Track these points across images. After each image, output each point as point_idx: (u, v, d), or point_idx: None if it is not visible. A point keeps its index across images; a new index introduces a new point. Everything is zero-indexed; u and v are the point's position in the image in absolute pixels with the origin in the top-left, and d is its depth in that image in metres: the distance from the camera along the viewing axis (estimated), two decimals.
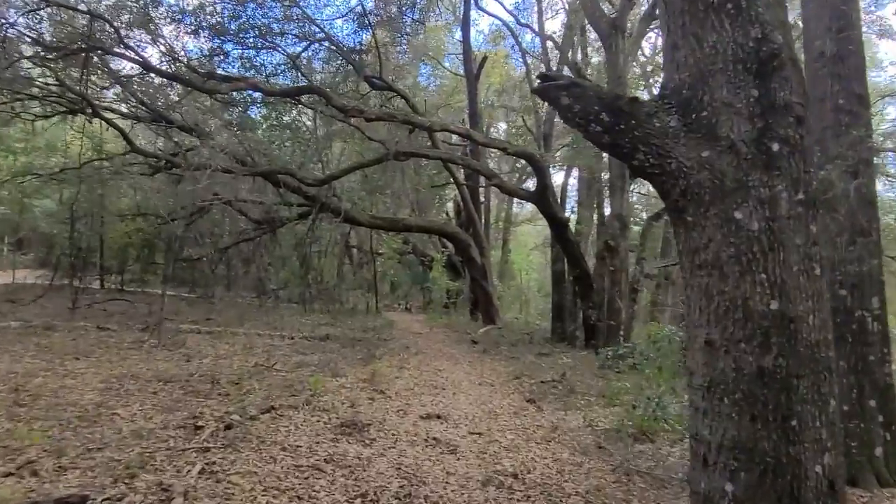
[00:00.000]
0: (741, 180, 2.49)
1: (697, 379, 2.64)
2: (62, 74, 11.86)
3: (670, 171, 2.63)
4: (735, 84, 2.54)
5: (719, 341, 2.52)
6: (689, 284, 2.68)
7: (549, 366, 10.02)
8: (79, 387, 5.55)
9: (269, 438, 4.67)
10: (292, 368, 7.62)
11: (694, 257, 2.63)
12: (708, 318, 2.58)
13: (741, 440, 2.44)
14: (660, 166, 2.65)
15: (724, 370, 2.51)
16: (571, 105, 2.73)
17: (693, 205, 2.60)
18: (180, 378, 6.16)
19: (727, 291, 2.50)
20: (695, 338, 2.67)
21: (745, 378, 2.45)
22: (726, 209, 2.52)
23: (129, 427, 4.52)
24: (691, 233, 2.63)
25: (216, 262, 18.87)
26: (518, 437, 5.59)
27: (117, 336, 8.66)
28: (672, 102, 2.68)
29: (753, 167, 2.49)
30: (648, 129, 2.65)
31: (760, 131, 2.49)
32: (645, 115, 2.66)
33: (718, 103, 2.56)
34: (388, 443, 5.05)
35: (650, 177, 2.72)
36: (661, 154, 2.63)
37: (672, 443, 5.84)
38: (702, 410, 2.61)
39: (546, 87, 2.77)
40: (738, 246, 2.49)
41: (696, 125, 2.61)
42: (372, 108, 12.63)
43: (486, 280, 17.34)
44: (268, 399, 5.78)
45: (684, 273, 2.75)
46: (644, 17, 14.42)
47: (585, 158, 13.57)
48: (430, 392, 7.32)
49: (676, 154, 2.61)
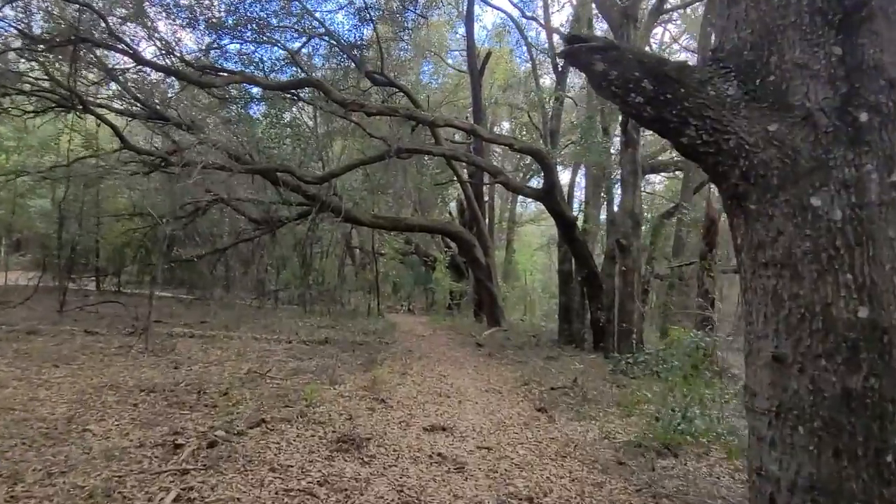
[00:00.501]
0: (820, 159, 2.03)
1: (762, 402, 2.17)
2: (52, 69, 11.43)
3: (728, 150, 2.16)
4: (811, 41, 2.07)
5: (791, 356, 2.06)
6: (751, 287, 2.22)
7: (558, 370, 9.57)
8: (52, 398, 5.10)
9: (256, 457, 4.22)
10: (287, 375, 7.16)
11: (757, 254, 2.17)
12: (776, 327, 2.11)
13: (821, 479, 1.98)
14: (715, 144, 2.18)
15: (797, 392, 2.04)
16: (606, 71, 2.27)
17: (757, 190, 2.13)
18: (165, 388, 5.70)
19: (802, 296, 2.04)
20: (757, 351, 2.20)
21: (825, 402, 1.98)
22: (800, 194, 2.05)
23: (101, 446, 4.07)
24: (754, 224, 2.16)
25: (214, 262, 18.47)
26: (530, 453, 5.13)
27: (105, 341, 8.21)
28: (730, 67, 2.22)
29: (835, 142, 2.02)
30: (701, 98, 2.18)
31: (844, 98, 2.02)
32: (697, 83, 2.20)
33: (790, 65, 2.09)
34: (389, 460, 4.60)
35: (702, 157, 2.25)
36: (716, 129, 2.17)
37: (697, 457, 5.39)
38: (768, 440, 2.14)
39: (576, 49, 2.31)
40: (815, 240, 2.02)
41: (762, 93, 2.14)
42: (373, 103, 12.18)
43: (490, 281, 16.88)
44: (259, 411, 5.33)
45: (743, 273, 2.29)
46: (653, 11, 13.94)
47: (594, 155, 13.09)
48: (435, 400, 6.87)
49: (736, 128, 2.14)
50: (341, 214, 13.96)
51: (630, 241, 10.46)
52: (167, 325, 10.36)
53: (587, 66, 2.31)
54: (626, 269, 10.51)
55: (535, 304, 24.38)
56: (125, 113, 13.79)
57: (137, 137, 18.38)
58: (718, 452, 5.45)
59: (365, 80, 15.06)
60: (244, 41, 14.34)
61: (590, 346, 13.27)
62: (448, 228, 18.82)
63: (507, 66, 23.10)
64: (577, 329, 14.49)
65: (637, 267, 10.58)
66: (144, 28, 13.28)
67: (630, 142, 10.67)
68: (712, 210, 10.97)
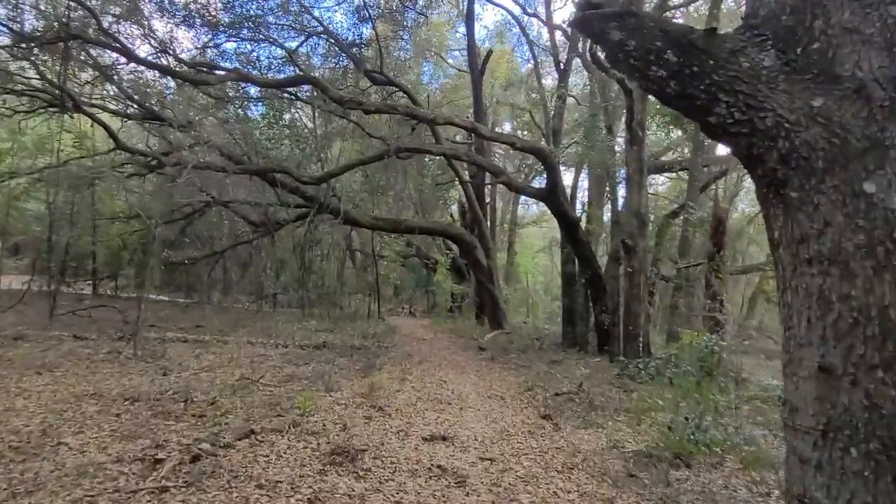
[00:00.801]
0: (874, 138, 1.74)
1: (805, 419, 1.89)
2: (44, 68, 11.19)
3: (765, 130, 1.88)
4: (863, 2, 1.79)
5: (842, 367, 1.77)
6: (791, 287, 1.93)
7: (562, 375, 9.29)
8: (29, 408, 4.82)
9: (243, 472, 3.93)
10: (281, 382, 6.88)
11: (799, 249, 1.88)
12: (823, 333, 1.83)
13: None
14: (749, 123, 1.90)
15: (849, 408, 1.76)
16: (624, 41, 1.99)
17: (800, 175, 1.85)
18: (150, 396, 5.42)
19: (854, 297, 1.75)
20: (799, 361, 1.92)
21: (883, 420, 1.70)
22: (851, 179, 1.77)
23: (75, 461, 3.79)
24: (796, 215, 1.87)
25: (213, 265, 18.21)
26: (536, 464, 4.84)
27: (93, 347, 7.92)
28: (766, 34, 1.93)
29: (892, 118, 1.73)
30: (733, 70, 1.90)
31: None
32: (728, 53, 1.92)
33: (837, 30, 1.81)
34: (386, 474, 4.31)
35: (734, 138, 1.97)
36: (750, 105, 1.89)
37: (711, 468, 5.10)
38: (813, 464, 1.85)
39: (589, 17, 2.03)
40: (869, 231, 1.74)
41: (803, 63, 1.86)
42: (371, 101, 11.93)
43: (492, 283, 16.61)
44: (248, 421, 5.04)
45: (781, 272, 2.00)
46: (655, 9, 13.70)
47: (598, 154, 12.82)
48: (435, 408, 6.58)
49: (774, 104, 1.86)
50: (340, 215, 13.71)
51: (636, 242, 10.17)
52: (161, 330, 10.09)
53: (601, 36, 2.03)
54: (632, 271, 10.21)
55: (537, 306, 24.09)
56: (120, 113, 13.55)
57: (135, 139, 18.16)
58: (733, 462, 5.17)
59: (364, 80, 14.84)
60: (241, 39, 14.15)
61: (594, 350, 13.00)
62: (449, 230, 18.57)
63: (508, 65, 22.86)
64: (580, 332, 14.21)
65: (643, 268, 10.29)
66: (139, 27, 13.06)
67: (635, 139, 10.39)
68: (720, 209, 10.69)
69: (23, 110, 11.77)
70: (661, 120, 14.06)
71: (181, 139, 11.81)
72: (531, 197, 15.82)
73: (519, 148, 13.11)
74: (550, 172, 12.65)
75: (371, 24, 14.13)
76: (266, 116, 15.71)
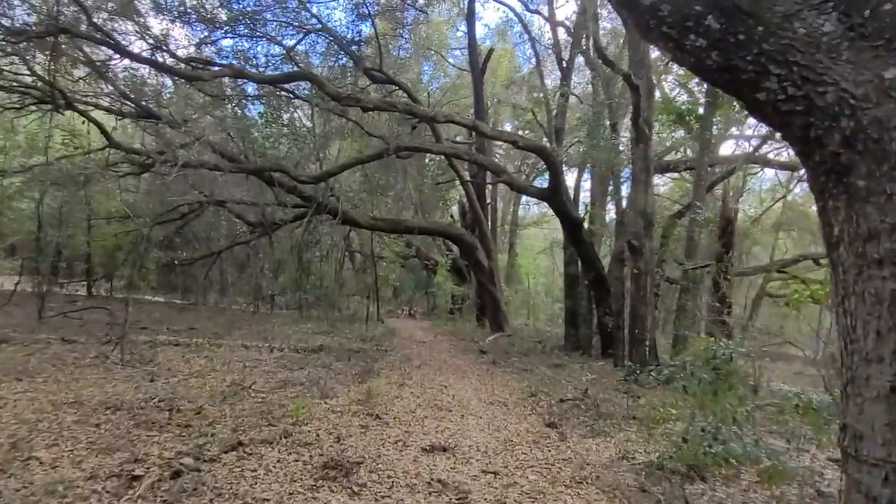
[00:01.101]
0: None
1: (873, 448, 1.60)
2: (34, 63, 10.90)
3: (824, 107, 1.59)
4: None
5: None
6: (855, 292, 1.64)
7: (566, 380, 9.02)
8: (2, 418, 4.53)
9: (227, 489, 3.64)
10: (274, 388, 6.58)
11: (867, 248, 1.59)
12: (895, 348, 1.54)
13: None
14: (805, 99, 1.62)
15: None
16: (656, 5, 1.70)
17: (868, 159, 1.56)
18: (133, 404, 5.12)
19: None
20: (865, 379, 1.63)
21: None
22: None
23: (45, 478, 3.50)
24: (864, 207, 1.59)
25: (209, 266, 17.91)
26: (542, 478, 4.55)
27: (80, 350, 7.62)
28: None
29: None
30: (786, 38, 1.62)
31: None
32: (780, 18, 1.63)
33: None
34: (382, 489, 4.03)
35: (786, 118, 1.68)
36: (807, 79, 1.60)
37: (727, 481, 4.82)
38: (883, 502, 1.56)
39: None
40: None
41: (873, 27, 1.57)
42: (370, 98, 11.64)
43: (493, 284, 16.32)
44: (236, 431, 4.75)
45: (841, 275, 1.71)
46: None
47: (602, 152, 12.54)
48: (435, 415, 6.30)
49: (836, 77, 1.57)
50: (338, 215, 13.43)
51: (642, 243, 9.88)
52: (152, 332, 9.79)
53: (630, 1, 1.75)
54: (639, 273, 9.92)
55: (538, 308, 23.82)
56: (113, 111, 13.27)
57: (131, 138, 17.88)
58: (749, 475, 4.88)
59: (364, 79, 14.58)
60: (238, 36, 13.87)
61: (598, 353, 12.73)
62: (449, 231, 18.29)
63: (509, 64, 22.60)
64: (584, 334, 13.93)
65: (650, 270, 9.99)
66: (134, 23, 12.78)
67: (641, 137, 10.10)
68: (728, 209, 10.40)
69: (13, 107, 11.49)
70: (666, 119, 13.79)
71: (174, 137, 11.51)
72: (533, 197, 15.56)
73: (521, 146, 12.84)
74: (553, 172, 12.37)
75: (370, 21, 13.87)
76: (264, 115, 15.45)
